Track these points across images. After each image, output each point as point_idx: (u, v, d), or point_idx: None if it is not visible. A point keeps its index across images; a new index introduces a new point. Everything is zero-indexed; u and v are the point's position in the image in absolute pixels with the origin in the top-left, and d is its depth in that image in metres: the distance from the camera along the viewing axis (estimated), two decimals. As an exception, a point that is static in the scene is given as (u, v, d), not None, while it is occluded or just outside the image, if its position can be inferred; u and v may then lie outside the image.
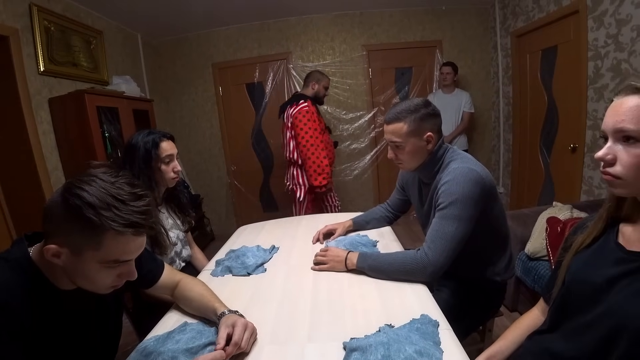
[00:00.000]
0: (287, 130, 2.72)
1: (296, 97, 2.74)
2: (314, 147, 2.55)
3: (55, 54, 2.54)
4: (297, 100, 2.66)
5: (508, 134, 3.81)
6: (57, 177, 2.49)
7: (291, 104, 2.69)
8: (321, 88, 2.78)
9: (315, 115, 2.64)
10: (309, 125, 2.56)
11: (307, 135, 2.56)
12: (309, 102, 2.64)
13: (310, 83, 2.79)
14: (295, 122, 2.59)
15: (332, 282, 1.17)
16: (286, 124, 2.72)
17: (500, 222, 1.26)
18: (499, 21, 3.76)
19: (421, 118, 1.19)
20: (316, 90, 2.77)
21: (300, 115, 2.57)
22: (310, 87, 2.78)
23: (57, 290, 0.77)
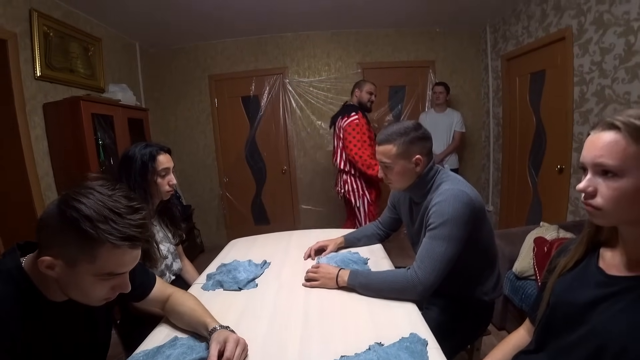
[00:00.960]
0: (338, 140, 2.80)
1: (346, 108, 2.80)
2: (362, 159, 2.62)
3: (52, 59, 2.55)
4: (348, 112, 2.72)
5: (498, 153, 3.90)
6: (48, 183, 2.47)
7: (342, 115, 2.75)
8: (364, 94, 2.81)
9: (365, 127, 2.69)
10: (357, 137, 2.64)
11: (355, 147, 2.64)
12: (360, 114, 2.70)
13: (354, 92, 2.84)
14: (345, 135, 2.67)
15: (323, 299, 1.18)
16: (337, 134, 2.80)
17: (488, 243, 1.29)
18: (490, 44, 3.88)
19: (410, 141, 1.23)
20: (359, 98, 2.82)
21: (349, 128, 2.64)
22: (355, 96, 2.84)
23: (47, 301, 0.77)
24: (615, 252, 0.74)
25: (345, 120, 2.68)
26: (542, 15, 3.00)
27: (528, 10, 3.19)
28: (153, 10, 3.02)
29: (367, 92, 2.83)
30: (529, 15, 3.19)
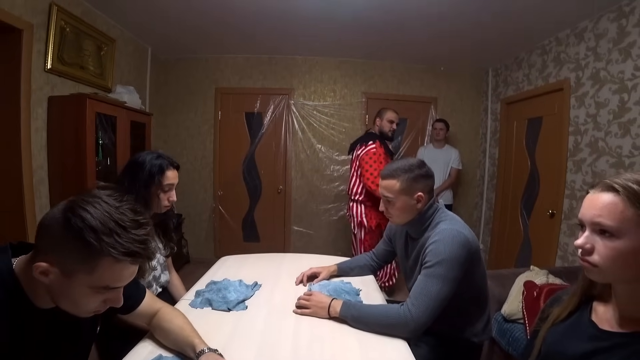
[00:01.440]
0: (353, 168, 2.82)
1: (366, 136, 2.83)
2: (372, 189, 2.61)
3: (65, 54, 2.56)
4: (367, 140, 2.75)
5: (491, 192, 3.96)
6: (41, 176, 2.43)
7: (360, 143, 2.77)
8: (385, 123, 2.83)
9: (382, 156, 2.70)
10: (374, 166, 2.64)
11: (372, 176, 2.62)
12: (377, 143, 2.72)
13: (376, 120, 2.89)
14: (362, 164, 2.69)
15: (313, 328, 1.16)
16: (354, 161, 2.82)
17: (481, 285, 1.30)
18: (491, 87, 4.02)
19: (414, 178, 1.26)
20: (380, 126, 2.85)
21: (367, 157, 2.67)
22: (376, 124, 2.87)
23: (33, 307, 0.75)
24: (608, 307, 0.76)
25: (363, 149, 2.72)
26: (543, 65, 3.14)
27: (529, 59, 3.33)
28: (170, 19, 3.07)
29: (388, 120, 2.85)
30: (530, 64, 3.33)
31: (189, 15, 2.99)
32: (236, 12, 2.87)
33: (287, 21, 3.03)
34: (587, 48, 2.63)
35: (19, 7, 2.17)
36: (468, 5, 2.55)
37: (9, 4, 2.10)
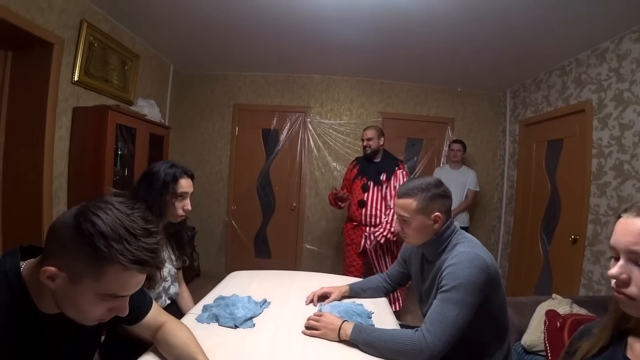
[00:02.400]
0: None
1: None
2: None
3: (91, 67, 2.66)
4: None
5: (509, 216, 3.85)
6: (60, 182, 2.49)
7: None
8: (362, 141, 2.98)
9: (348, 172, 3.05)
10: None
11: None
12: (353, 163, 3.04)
13: None
14: None
15: (322, 351, 1.11)
16: None
17: (501, 312, 1.23)
18: (509, 109, 3.97)
19: (431, 197, 1.22)
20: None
21: None
22: None
23: (38, 312, 0.74)
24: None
25: None
26: (563, 86, 3.08)
27: (549, 81, 3.28)
28: (192, 38, 3.18)
29: (362, 138, 2.96)
30: (549, 85, 3.28)
31: (210, 35, 3.09)
32: (256, 32, 2.96)
33: (305, 42, 3.09)
34: (609, 69, 2.57)
35: (52, 23, 2.28)
36: (485, 27, 2.55)
37: (43, 19, 2.21)
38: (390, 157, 2.91)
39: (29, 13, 2.11)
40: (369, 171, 2.87)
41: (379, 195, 2.80)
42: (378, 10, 2.42)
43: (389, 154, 2.96)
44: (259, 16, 2.67)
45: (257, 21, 2.75)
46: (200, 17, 2.75)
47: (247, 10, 2.59)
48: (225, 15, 2.68)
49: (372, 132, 2.89)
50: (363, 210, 2.82)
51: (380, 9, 2.42)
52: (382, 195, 2.79)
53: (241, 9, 2.57)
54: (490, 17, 2.40)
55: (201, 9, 2.62)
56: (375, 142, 2.87)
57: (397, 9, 2.40)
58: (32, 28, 2.13)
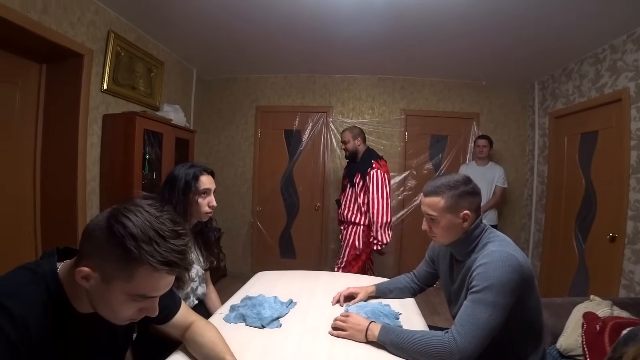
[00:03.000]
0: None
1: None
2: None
3: (119, 76, 2.76)
4: None
5: (540, 213, 3.70)
6: (93, 187, 2.60)
7: None
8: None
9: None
10: None
11: None
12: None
13: None
14: None
15: (349, 352, 1.10)
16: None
17: (535, 314, 1.18)
18: (538, 101, 3.81)
19: (459, 195, 1.18)
20: None
21: None
22: None
23: (74, 312, 0.77)
24: None
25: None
26: (596, 75, 2.93)
27: (580, 70, 3.13)
28: (213, 43, 3.25)
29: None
30: (581, 75, 3.13)
31: (230, 39, 3.14)
32: (275, 34, 2.98)
33: (324, 41, 3.09)
34: (647, 55, 2.42)
35: (82, 35, 2.39)
36: (510, 16, 2.45)
37: (73, 32, 2.31)
38: (368, 158, 2.83)
39: (61, 27, 2.22)
40: (349, 172, 2.96)
41: (352, 196, 2.86)
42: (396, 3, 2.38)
43: (370, 154, 2.89)
44: (277, 18, 2.68)
45: (275, 23, 2.77)
46: (220, 23, 2.80)
47: (266, 14, 2.62)
48: (244, 19, 2.72)
49: (347, 135, 2.92)
50: (339, 210, 3.02)
51: (397, 2, 2.37)
52: (355, 196, 2.83)
53: (260, 12, 2.60)
54: (515, 6, 2.31)
55: (221, 15, 2.66)
56: (352, 144, 2.89)
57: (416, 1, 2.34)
58: (64, 41, 2.23)
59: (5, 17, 1.85)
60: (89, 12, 2.43)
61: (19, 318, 0.66)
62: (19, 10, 1.93)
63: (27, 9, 1.98)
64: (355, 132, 2.91)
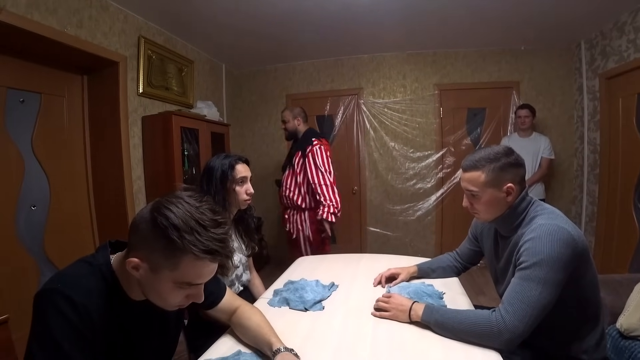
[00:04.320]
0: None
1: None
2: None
3: (152, 78, 2.88)
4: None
5: (593, 184, 3.45)
6: (139, 186, 2.75)
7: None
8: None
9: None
10: None
11: None
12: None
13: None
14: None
15: (393, 332, 1.10)
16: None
17: (592, 291, 1.10)
18: (585, 62, 3.50)
19: (501, 168, 1.11)
20: None
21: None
22: None
23: (128, 299, 0.82)
24: None
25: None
26: (655, 27, 2.63)
27: (635, 22, 2.82)
28: (239, 37, 3.29)
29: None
30: (635, 27, 2.81)
31: (255, 31, 3.17)
32: (299, 21, 2.97)
33: (349, 21, 3.01)
34: None
35: (114, 43, 2.51)
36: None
37: (107, 42, 2.44)
38: (309, 136, 2.72)
39: (95, 39, 2.35)
40: (290, 152, 2.87)
41: (293, 176, 2.75)
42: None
43: (311, 133, 2.77)
44: (299, 4, 2.66)
45: (298, 9, 2.74)
46: (244, 16, 2.82)
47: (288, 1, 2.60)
48: (266, 9, 2.72)
49: (287, 114, 2.81)
50: (279, 191, 2.90)
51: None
52: (295, 176, 2.73)
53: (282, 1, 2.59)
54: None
55: (243, 8, 2.69)
56: (291, 123, 2.78)
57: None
58: (100, 51, 2.37)
59: (46, 35, 1.99)
60: (118, 21, 2.54)
61: (81, 306, 0.72)
62: (57, 27, 2.07)
63: (64, 25, 2.12)
64: (296, 112, 2.80)
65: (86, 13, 2.28)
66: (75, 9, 2.20)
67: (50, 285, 0.74)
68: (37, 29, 1.94)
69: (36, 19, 1.95)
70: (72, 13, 2.18)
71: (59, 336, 0.69)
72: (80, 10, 2.24)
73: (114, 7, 2.50)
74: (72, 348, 0.70)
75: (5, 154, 2.11)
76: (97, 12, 2.36)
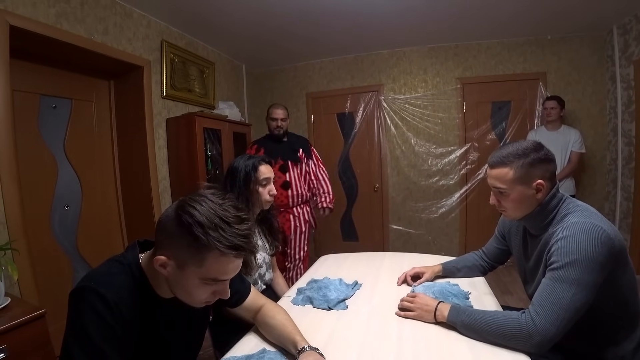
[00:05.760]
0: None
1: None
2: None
3: (175, 81, 2.95)
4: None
5: (628, 179, 3.29)
6: (164, 185, 2.83)
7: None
8: (269, 121, 2.78)
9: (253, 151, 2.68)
10: None
11: None
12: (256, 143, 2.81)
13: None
14: None
15: (418, 333, 1.08)
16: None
17: (630, 293, 1.04)
18: (619, 49, 3.33)
19: (530, 163, 1.06)
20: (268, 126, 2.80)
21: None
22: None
23: (157, 296, 0.85)
24: None
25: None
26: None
27: (674, 5, 2.66)
28: (258, 37, 3.32)
29: (272, 117, 2.73)
30: (674, 11, 2.65)
31: (274, 32, 3.20)
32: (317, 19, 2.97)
33: (368, 17, 2.98)
34: None
35: (139, 48, 2.59)
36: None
37: (131, 47, 2.53)
38: (295, 135, 2.91)
39: (120, 45, 2.44)
40: (281, 151, 2.70)
41: (299, 173, 2.72)
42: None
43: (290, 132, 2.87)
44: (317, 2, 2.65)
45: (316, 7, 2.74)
46: (262, 16, 2.85)
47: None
48: (284, 8, 2.74)
49: (285, 112, 2.77)
50: (289, 191, 2.67)
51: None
52: (302, 172, 2.74)
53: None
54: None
55: (262, 8, 2.72)
56: (287, 122, 2.78)
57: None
58: (125, 56, 2.46)
59: (75, 43, 2.09)
60: (141, 26, 2.62)
61: (113, 303, 0.75)
62: (84, 36, 2.15)
63: (91, 33, 2.21)
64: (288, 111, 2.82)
65: (111, 20, 2.36)
66: (101, 17, 2.29)
67: (84, 284, 0.77)
68: (67, 38, 2.03)
69: (65, 28, 2.04)
70: (98, 21, 2.26)
71: (93, 332, 0.72)
72: (106, 18, 2.32)
73: (137, 14, 2.58)
74: (105, 343, 0.73)
75: (40, 157, 2.22)
76: (121, 19, 2.44)
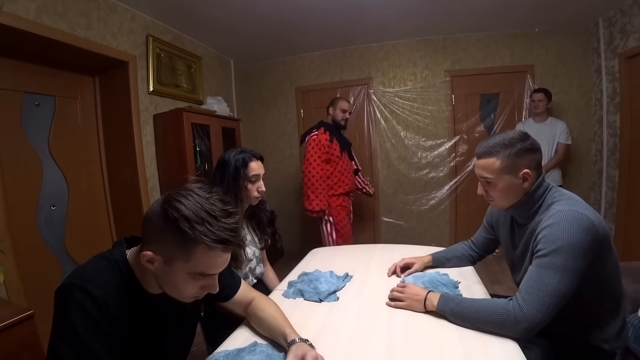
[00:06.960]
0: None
1: (316, 125, 2.84)
2: (311, 174, 2.66)
3: (162, 76, 2.91)
4: (313, 129, 2.79)
5: (613, 169, 3.35)
6: (153, 183, 2.79)
7: (309, 132, 2.80)
8: (338, 112, 2.82)
9: (323, 142, 2.70)
10: (311, 152, 2.68)
11: (307, 162, 2.69)
12: (321, 130, 2.74)
13: (329, 109, 2.87)
14: (304, 151, 2.75)
15: (408, 322, 1.10)
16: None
17: (613, 280, 1.07)
18: (604, 42, 3.38)
19: (517, 153, 1.08)
20: (333, 115, 2.83)
21: (308, 145, 2.71)
22: (329, 114, 2.86)
23: (145, 292, 0.84)
24: None
25: (309, 137, 2.75)
26: (679, 3, 2.51)
27: (658, -2, 2.70)
28: (246, 30, 3.28)
29: (341, 109, 2.82)
30: (658, 4, 2.70)
31: (262, 26, 3.16)
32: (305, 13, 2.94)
33: (356, 10, 2.97)
34: None
35: (123, 43, 2.54)
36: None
37: (116, 42, 2.47)
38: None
39: (104, 40, 2.38)
40: (345, 141, 2.92)
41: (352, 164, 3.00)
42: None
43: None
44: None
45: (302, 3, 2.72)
46: (250, 9, 2.81)
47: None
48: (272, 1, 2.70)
49: (350, 105, 2.91)
50: (357, 177, 3.10)
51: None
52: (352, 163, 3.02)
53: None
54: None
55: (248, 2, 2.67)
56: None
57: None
58: (109, 52, 2.40)
59: (56, 38, 2.02)
60: (126, 20, 2.56)
61: (100, 300, 0.74)
62: (67, 31, 2.09)
63: (74, 28, 2.15)
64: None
65: (94, 15, 2.30)
66: (83, 11, 2.22)
67: (70, 281, 0.76)
68: (48, 33, 1.97)
69: (46, 22, 1.98)
70: (80, 15, 2.20)
71: (80, 329, 0.71)
72: (89, 12, 2.26)
73: (122, 7, 2.52)
74: (93, 340, 0.72)
75: (24, 156, 2.17)
76: (105, 13, 2.39)
